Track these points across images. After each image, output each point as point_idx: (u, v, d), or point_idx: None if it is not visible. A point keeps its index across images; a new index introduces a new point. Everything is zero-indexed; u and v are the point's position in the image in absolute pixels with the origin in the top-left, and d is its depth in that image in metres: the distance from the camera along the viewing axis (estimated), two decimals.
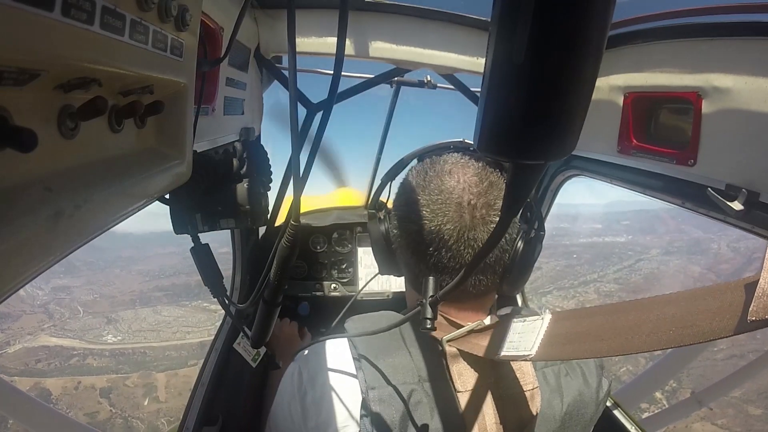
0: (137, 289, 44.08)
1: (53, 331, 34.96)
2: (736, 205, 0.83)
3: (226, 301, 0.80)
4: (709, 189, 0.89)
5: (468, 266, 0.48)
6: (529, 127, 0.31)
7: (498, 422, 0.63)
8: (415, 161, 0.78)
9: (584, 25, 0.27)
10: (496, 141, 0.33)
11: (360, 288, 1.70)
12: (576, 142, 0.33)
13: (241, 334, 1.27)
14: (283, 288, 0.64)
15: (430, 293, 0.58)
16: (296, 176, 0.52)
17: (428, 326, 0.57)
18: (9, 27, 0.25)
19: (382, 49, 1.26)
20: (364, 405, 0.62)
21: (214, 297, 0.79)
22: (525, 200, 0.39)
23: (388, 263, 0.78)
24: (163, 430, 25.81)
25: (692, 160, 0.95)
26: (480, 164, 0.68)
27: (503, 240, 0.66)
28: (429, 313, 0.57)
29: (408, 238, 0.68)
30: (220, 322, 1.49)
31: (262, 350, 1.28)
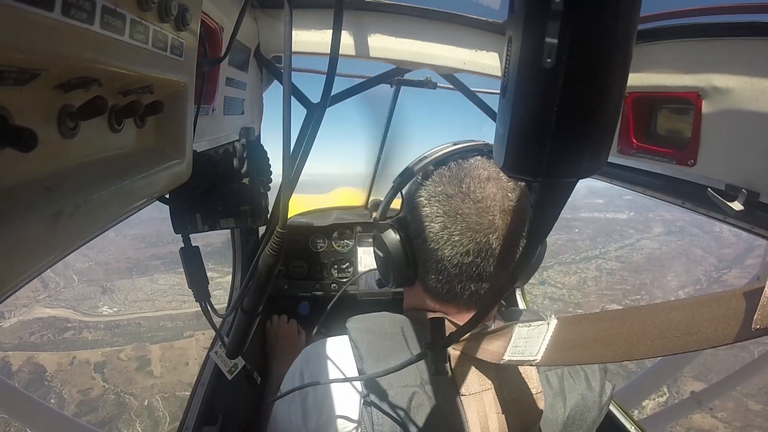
0: (133, 255, 42.34)
1: (48, 302, 34.01)
2: (736, 205, 0.83)
3: (208, 308, 0.78)
4: (709, 189, 0.89)
5: (488, 300, 0.47)
6: (564, 140, 0.27)
7: (501, 426, 0.63)
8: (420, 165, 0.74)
9: (619, 19, 0.25)
10: (525, 159, 0.29)
11: (349, 281, 1.70)
12: (609, 153, 0.29)
13: (219, 342, 1.23)
14: (264, 298, 0.63)
15: (441, 337, 0.57)
16: (286, 179, 0.50)
17: (443, 371, 0.57)
18: (9, 27, 0.25)
19: (382, 49, 1.26)
20: (365, 407, 0.62)
21: (196, 301, 0.78)
22: (554, 223, 0.35)
23: (403, 276, 0.72)
24: (157, 407, 25.03)
25: (692, 160, 0.95)
26: None
27: (516, 241, 0.66)
28: (442, 357, 0.57)
29: (451, 249, 0.64)
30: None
31: (240, 362, 1.24)
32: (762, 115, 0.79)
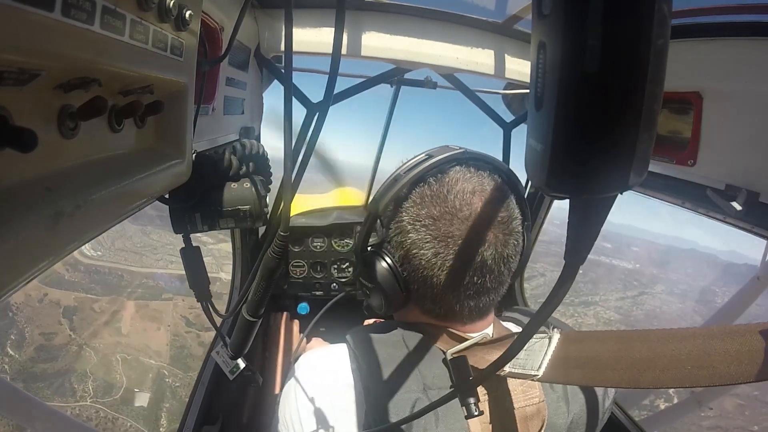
0: None
1: None
2: (736, 205, 0.83)
3: (210, 308, 0.78)
4: (709, 189, 0.90)
5: (523, 335, 0.43)
6: (614, 150, 0.25)
7: None
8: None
9: (663, 13, 0.23)
10: (572, 176, 0.27)
11: (347, 285, 1.69)
12: (650, 160, 0.27)
13: (221, 343, 1.22)
14: (266, 300, 0.63)
15: (469, 374, 0.56)
16: (287, 181, 0.49)
17: (475, 413, 0.54)
18: (9, 27, 0.25)
19: (383, 48, 1.26)
20: (368, 414, 0.61)
21: (198, 301, 0.79)
22: (595, 240, 0.33)
23: (397, 303, 0.69)
24: (115, 368, 22.94)
25: (692, 161, 0.95)
26: (486, 173, 0.64)
27: (510, 252, 0.64)
28: (472, 398, 0.55)
29: (446, 275, 0.62)
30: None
31: (242, 363, 1.23)
32: (762, 115, 0.79)
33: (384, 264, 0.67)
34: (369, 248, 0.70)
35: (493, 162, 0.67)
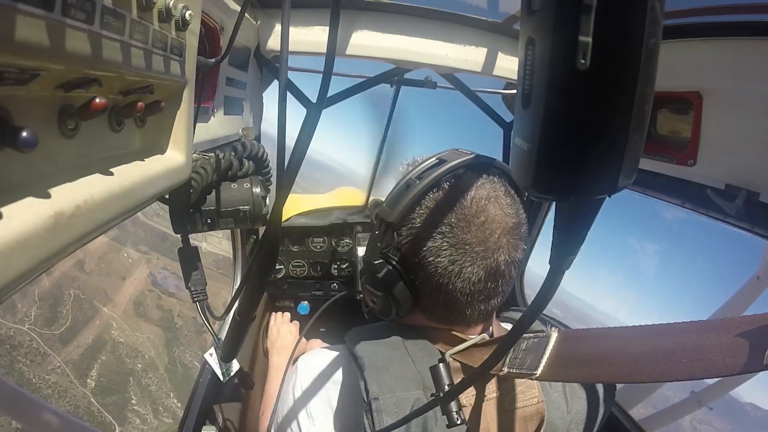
0: None
1: None
2: (736, 205, 0.83)
3: (206, 309, 0.78)
4: (709, 189, 0.90)
5: (507, 340, 0.42)
6: (603, 152, 0.25)
7: None
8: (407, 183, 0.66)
9: (656, 12, 0.22)
10: (558, 177, 0.26)
11: (337, 296, 1.69)
12: (639, 161, 0.27)
13: (214, 345, 1.21)
14: (257, 302, 0.63)
15: (447, 381, 0.56)
16: (280, 182, 0.48)
17: (457, 422, 0.53)
18: (9, 27, 0.25)
19: (382, 48, 1.26)
20: (367, 415, 0.61)
21: (193, 302, 0.79)
22: (581, 245, 0.32)
23: (405, 310, 0.68)
24: (65, 302, 20.99)
25: (692, 161, 0.95)
26: (496, 178, 0.64)
27: (519, 255, 0.63)
28: (455, 406, 0.54)
29: (462, 282, 0.61)
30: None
31: (236, 365, 1.22)
32: (762, 115, 0.79)
33: (395, 272, 0.65)
34: (379, 255, 0.68)
35: (502, 167, 0.67)
